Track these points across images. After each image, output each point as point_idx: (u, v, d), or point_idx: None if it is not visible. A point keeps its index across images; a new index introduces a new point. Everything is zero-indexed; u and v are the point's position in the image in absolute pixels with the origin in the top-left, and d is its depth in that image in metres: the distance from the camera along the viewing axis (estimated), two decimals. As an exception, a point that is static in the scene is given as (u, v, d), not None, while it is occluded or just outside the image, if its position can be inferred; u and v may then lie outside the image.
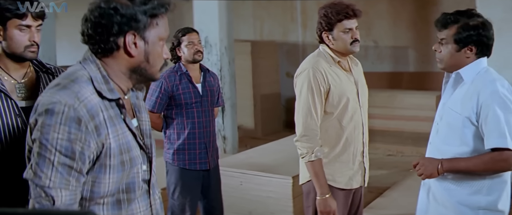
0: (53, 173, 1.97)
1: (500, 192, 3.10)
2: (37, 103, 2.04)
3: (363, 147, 3.73)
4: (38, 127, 1.98)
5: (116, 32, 2.06)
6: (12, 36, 2.78)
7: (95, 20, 2.06)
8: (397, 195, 6.22)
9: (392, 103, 10.20)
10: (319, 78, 3.53)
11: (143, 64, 2.13)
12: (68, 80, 2.05)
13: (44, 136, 1.96)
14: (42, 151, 1.97)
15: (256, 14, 13.08)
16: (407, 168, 8.08)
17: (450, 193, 3.14)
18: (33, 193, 2.00)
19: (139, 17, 2.07)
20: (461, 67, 3.13)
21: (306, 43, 12.43)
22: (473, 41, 3.05)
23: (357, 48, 3.62)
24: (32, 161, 2.00)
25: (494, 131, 2.95)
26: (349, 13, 3.57)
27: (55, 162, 1.97)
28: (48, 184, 1.97)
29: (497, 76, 3.09)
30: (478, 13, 3.14)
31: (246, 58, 10.79)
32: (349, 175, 3.67)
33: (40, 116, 1.99)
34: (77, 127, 1.97)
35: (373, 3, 11.56)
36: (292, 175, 5.24)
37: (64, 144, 1.96)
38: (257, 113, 11.03)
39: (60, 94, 1.99)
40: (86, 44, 2.13)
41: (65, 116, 1.96)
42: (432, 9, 11.01)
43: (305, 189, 3.74)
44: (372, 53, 11.86)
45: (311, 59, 3.65)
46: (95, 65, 2.11)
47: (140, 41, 2.10)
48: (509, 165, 2.98)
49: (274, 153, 6.47)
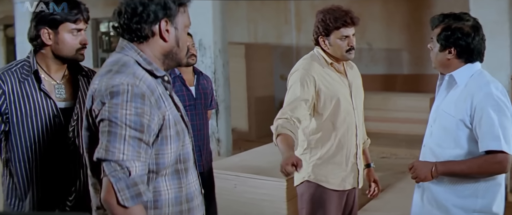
0: (125, 146, 2.08)
1: (494, 195, 3.10)
2: (94, 91, 2.18)
3: (357, 149, 3.73)
4: (105, 108, 2.10)
5: (152, 20, 2.24)
6: (63, 39, 2.87)
7: (131, 11, 2.23)
8: (391, 197, 6.22)
9: (386, 105, 10.21)
10: (309, 78, 3.54)
11: (175, 49, 2.33)
12: (118, 66, 2.21)
13: (113, 115, 2.09)
14: (112, 128, 2.09)
15: (250, 17, 13.09)
16: (401, 170, 8.08)
17: (445, 196, 3.14)
18: (107, 169, 2.09)
19: (170, 5, 2.26)
20: (447, 67, 3.14)
21: (300, 45, 12.44)
22: (452, 43, 3.07)
23: (352, 56, 3.63)
24: (102, 140, 2.10)
25: (488, 133, 2.95)
26: (348, 21, 3.57)
27: (126, 136, 2.09)
28: (122, 158, 2.08)
29: (491, 78, 3.10)
30: (468, 17, 3.14)
31: (240, 61, 10.78)
32: (342, 177, 3.68)
33: (104, 100, 2.12)
34: (142, 102, 2.12)
35: (367, 6, 11.58)
36: (286, 177, 5.23)
37: (133, 119, 2.10)
38: (251, 115, 11.03)
39: (119, 77, 2.15)
40: (121, 35, 2.30)
41: (130, 94, 2.11)
42: (425, 12, 11.03)
43: (299, 191, 3.75)
44: (366, 56, 11.87)
45: (303, 62, 3.66)
46: (134, 51, 2.27)
47: (171, 27, 2.29)
48: (503, 167, 2.98)
49: (268, 155, 6.45)
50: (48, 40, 2.86)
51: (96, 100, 2.14)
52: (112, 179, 2.07)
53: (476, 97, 2.99)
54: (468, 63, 3.10)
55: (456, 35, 3.05)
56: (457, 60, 3.10)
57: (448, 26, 3.08)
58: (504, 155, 2.94)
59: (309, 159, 3.66)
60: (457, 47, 3.07)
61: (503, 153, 2.93)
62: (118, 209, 2.08)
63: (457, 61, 3.10)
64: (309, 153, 3.67)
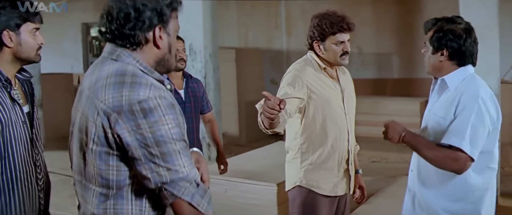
0: (182, 160, 2.01)
1: (483, 199, 3.10)
2: (110, 107, 2.01)
3: (349, 154, 3.73)
4: (144, 130, 1.97)
5: (147, 26, 2.11)
6: (26, 40, 2.75)
7: (124, 16, 2.09)
8: (382, 202, 6.22)
9: (376, 110, 10.22)
10: (300, 81, 3.54)
11: (167, 56, 2.21)
12: (129, 76, 2.05)
13: (157, 134, 1.97)
14: (163, 148, 1.97)
15: (241, 22, 13.09)
16: (391, 174, 8.10)
17: (434, 200, 3.14)
18: (177, 191, 2.00)
19: (165, 11, 2.14)
20: (439, 71, 3.15)
21: (290, 50, 12.45)
22: (444, 45, 3.08)
23: (346, 61, 3.65)
24: (154, 164, 1.99)
25: (457, 130, 2.96)
26: (344, 26, 3.58)
27: (179, 150, 2.00)
28: (185, 172, 2.01)
29: (482, 83, 3.11)
30: (461, 20, 3.16)
31: (231, 65, 10.77)
32: (334, 182, 3.67)
33: (137, 119, 1.97)
34: (174, 111, 2.03)
35: (357, 10, 11.60)
36: (277, 182, 5.22)
37: (175, 131, 2.00)
38: (242, 120, 11.01)
39: (140, 90, 2.01)
40: (111, 41, 2.15)
41: (162, 107, 1.99)
42: (415, 16, 11.07)
43: (290, 196, 3.74)
44: (356, 60, 11.89)
45: (297, 65, 3.66)
46: (132, 58, 2.13)
47: (164, 34, 2.17)
48: (460, 167, 2.97)
49: (259, 160, 6.45)
50: (10, 43, 2.72)
51: (123, 118, 1.98)
52: (187, 198, 2.00)
53: (463, 96, 3.01)
54: (460, 66, 3.12)
55: (448, 37, 3.07)
56: (450, 63, 3.11)
57: (440, 28, 3.11)
58: (465, 156, 2.93)
59: (300, 164, 3.65)
60: (449, 49, 3.08)
61: (464, 154, 2.93)
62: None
63: (449, 64, 3.11)
64: (300, 157, 3.66)
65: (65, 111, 12.54)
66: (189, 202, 2.00)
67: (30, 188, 2.78)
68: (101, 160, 2.06)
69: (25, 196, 2.76)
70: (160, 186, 2.00)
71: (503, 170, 7.56)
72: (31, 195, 2.79)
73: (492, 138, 3.08)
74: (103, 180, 2.08)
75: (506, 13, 9.74)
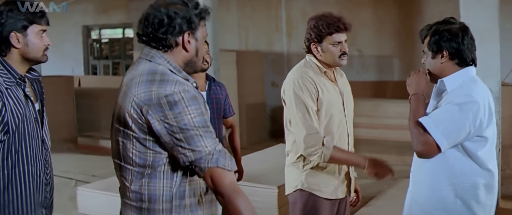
0: (204, 141, 2.34)
1: (476, 199, 3.10)
2: (142, 100, 2.34)
3: (349, 157, 3.72)
4: (170, 119, 2.31)
5: (177, 32, 2.45)
6: (33, 41, 2.89)
7: (158, 22, 2.43)
8: (382, 204, 6.22)
9: (376, 112, 10.22)
10: (309, 86, 3.53)
11: (194, 58, 2.55)
12: (159, 75, 2.39)
13: (181, 123, 2.31)
14: (187, 133, 2.32)
15: (241, 24, 13.10)
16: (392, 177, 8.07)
17: (427, 200, 3.16)
18: (204, 163, 2.33)
19: (194, 19, 2.48)
20: (441, 74, 3.15)
21: (291, 52, 12.45)
22: (444, 46, 3.08)
23: (344, 62, 3.63)
24: (181, 148, 2.33)
25: (437, 116, 3.00)
26: (340, 26, 3.57)
27: (201, 134, 2.33)
28: (208, 150, 2.34)
29: (481, 86, 3.10)
30: (455, 21, 3.16)
31: (231, 68, 10.78)
32: (334, 185, 3.67)
33: (164, 110, 2.32)
34: (197, 102, 2.35)
35: (357, 12, 11.60)
36: (277, 184, 5.23)
37: (197, 120, 2.33)
38: (242, 122, 11.02)
39: (167, 86, 2.34)
40: (146, 43, 2.50)
41: (185, 99, 2.32)
42: (416, 18, 11.07)
43: (291, 199, 3.73)
44: (357, 62, 11.90)
45: (298, 69, 3.64)
46: (164, 59, 2.47)
47: (192, 39, 2.51)
48: (424, 151, 3.03)
49: (259, 162, 6.46)
50: (17, 44, 2.86)
51: (152, 110, 2.32)
52: (213, 164, 2.34)
53: (454, 93, 3.03)
54: (461, 66, 3.11)
55: (445, 37, 3.07)
56: (451, 63, 3.10)
57: (436, 30, 3.11)
58: (432, 141, 2.97)
59: (302, 167, 3.64)
60: (448, 49, 3.08)
61: (432, 139, 2.97)
62: (230, 176, 2.36)
63: (451, 64, 3.11)
64: (302, 161, 3.65)
65: (65, 114, 12.62)
66: (216, 167, 2.33)
67: (38, 182, 2.96)
68: (140, 144, 2.41)
69: (35, 190, 2.94)
70: (189, 164, 2.36)
71: (503, 172, 7.56)
72: (39, 189, 2.97)
73: (483, 144, 3.06)
74: (141, 161, 2.43)
75: (507, 15, 9.73)
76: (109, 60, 16.37)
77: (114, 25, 16.07)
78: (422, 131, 3.01)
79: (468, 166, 3.05)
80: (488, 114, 3.02)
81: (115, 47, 16.35)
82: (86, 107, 12.75)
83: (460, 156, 3.05)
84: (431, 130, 2.97)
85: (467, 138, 3.00)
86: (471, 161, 3.05)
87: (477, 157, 3.05)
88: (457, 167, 3.06)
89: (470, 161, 3.05)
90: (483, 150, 3.06)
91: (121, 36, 16.30)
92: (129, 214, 2.54)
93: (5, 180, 2.82)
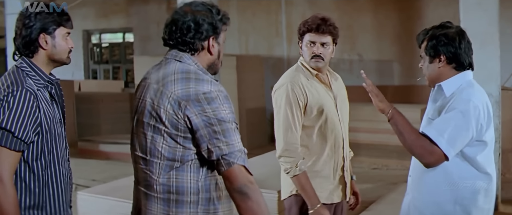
0: (236, 137, 2.53)
1: (474, 204, 3.11)
2: (180, 97, 2.50)
3: (344, 161, 3.71)
4: (209, 113, 2.48)
5: (204, 37, 2.64)
6: (60, 43, 2.96)
7: (187, 28, 2.61)
8: (383, 209, 6.21)
9: (377, 117, 10.15)
10: (297, 92, 3.52)
11: (216, 61, 2.75)
12: (193, 74, 2.57)
13: (218, 116, 2.49)
14: (223, 126, 2.49)
15: (241, 29, 13.11)
16: (392, 181, 8.09)
17: (425, 205, 3.18)
18: (233, 158, 2.49)
19: (218, 25, 2.67)
20: (439, 78, 3.16)
21: (291, 57, 12.46)
22: (441, 50, 3.10)
23: (317, 64, 3.59)
24: (217, 140, 2.49)
25: (440, 125, 3.00)
26: (313, 26, 3.55)
27: (233, 129, 2.53)
28: (239, 146, 2.53)
29: (479, 90, 3.11)
30: (451, 25, 3.18)
31: (231, 72, 10.78)
32: (329, 190, 3.66)
33: (202, 105, 2.49)
34: (229, 102, 2.56)
35: (358, 17, 11.62)
36: (278, 189, 5.20)
37: (231, 116, 2.53)
38: (243, 127, 11.01)
39: (204, 84, 2.53)
40: (171, 46, 2.67)
41: (221, 98, 2.52)
42: (416, 23, 11.07)
43: (286, 204, 3.72)
44: (357, 67, 11.89)
45: (290, 74, 3.64)
46: (192, 61, 2.64)
47: (216, 43, 2.70)
48: (432, 161, 3.03)
49: (260, 167, 6.44)
50: (45, 45, 2.91)
51: (191, 105, 2.49)
52: (241, 162, 2.51)
53: (454, 99, 3.03)
54: (459, 70, 3.12)
55: (442, 41, 3.08)
56: (448, 67, 3.12)
57: (433, 35, 3.13)
58: (440, 152, 2.98)
59: (297, 172, 3.63)
60: (445, 53, 3.09)
61: (439, 149, 2.97)
62: (253, 183, 2.53)
63: (448, 69, 3.12)
64: (296, 166, 3.64)
65: (65, 118, 12.56)
66: (243, 165, 2.51)
67: (66, 182, 3.05)
68: (171, 139, 2.54)
69: (66, 189, 3.03)
70: (218, 158, 2.49)
71: (503, 177, 7.55)
72: (66, 189, 3.05)
73: (482, 148, 3.08)
74: (170, 155, 2.56)
75: (507, 19, 9.75)
76: (109, 65, 16.39)
77: (115, 30, 16.10)
78: (428, 142, 3.00)
79: (467, 171, 3.07)
80: (487, 118, 3.04)
81: (115, 52, 16.36)
82: (86, 111, 12.74)
83: (459, 161, 3.06)
84: (437, 140, 2.98)
85: (469, 144, 3.01)
86: (469, 166, 3.07)
87: (476, 161, 3.06)
88: (455, 173, 3.07)
89: (469, 166, 3.07)
90: (482, 154, 3.07)
91: (121, 41, 16.32)
92: (155, 206, 2.63)
93: (40, 181, 2.88)
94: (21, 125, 2.73)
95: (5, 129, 2.70)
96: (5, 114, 2.72)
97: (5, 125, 2.70)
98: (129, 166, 2.96)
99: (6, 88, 2.77)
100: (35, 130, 2.79)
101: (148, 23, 14.29)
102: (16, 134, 2.71)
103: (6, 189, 2.70)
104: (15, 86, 2.77)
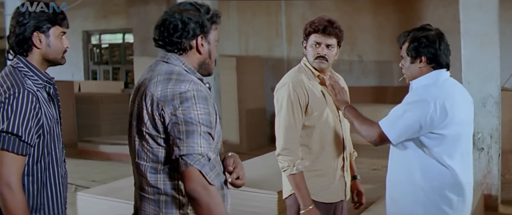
0: (200, 141, 2.45)
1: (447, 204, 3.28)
2: (158, 97, 2.49)
3: (344, 161, 3.73)
4: (179, 111, 2.45)
5: (191, 36, 2.62)
6: (54, 43, 2.91)
7: (173, 27, 2.60)
8: (383, 210, 6.20)
9: (377, 118, 10.11)
10: (299, 92, 3.54)
11: (207, 60, 2.72)
12: (175, 75, 2.56)
13: (187, 116, 2.45)
14: (189, 127, 2.45)
15: (241, 30, 13.12)
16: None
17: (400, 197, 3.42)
18: (191, 161, 2.43)
19: (206, 24, 2.64)
20: (419, 77, 3.33)
21: (291, 58, 12.47)
22: (422, 52, 3.27)
23: (321, 65, 3.62)
24: (181, 138, 2.45)
25: (389, 114, 3.31)
26: (319, 28, 3.56)
27: (201, 132, 2.46)
28: (200, 151, 2.45)
29: (443, 86, 3.28)
30: (431, 27, 3.35)
31: (231, 73, 10.78)
32: (329, 189, 3.67)
33: (175, 104, 2.46)
34: (206, 103, 2.51)
35: (357, 18, 11.62)
36: (277, 190, 5.22)
37: (203, 117, 2.47)
38: (242, 128, 11.01)
39: (182, 84, 2.50)
40: (162, 47, 2.66)
41: (196, 97, 2.47)
42: (416, 24, 10.92)
43: (288, 203, 3.74)
44: (357, 68, 11.90)
45: (292, 73, 3.65)
46: (179, 61, 2.63)
47: (205, 42, 2.67)
48: (371, 136, 3.36)
49: (259, 168, 6.44)
50: (39, 44, 2.87)
51: (166, 105, 2.47)
52: (198, 166, 2.42)
53: (409, 94, 3.30)
54: (435, 69, 3.29)
55: (424, 43, 3.26)
56: (428, 67, 3.30)
57: (414, 37, 3.31)
58: (381, 131, 3.28)
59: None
60: (426, 54, 3.27)
61: (381, 130, 3.27)
62: (207, 189, 2.43)
63: (427, 68, 3.30)
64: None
65: (65, 119, 12.47)
66: (199, 170, 2.42)
67: (63, 183, 3.02)
68: (152, 140, 2.55)
69: (63, 190, 3.01)
70: (178, 157, 2.44)
71: (503, 177, 7.55)
72: (63, 190, 3.01)
73: (439, 141, 3.22)
74: (154, 156, 2.57)
75: (507, 20, 9.75)
76: (109, 65, 16.38)
77: (114, 31, 16.09)
78: (375, 125, 3.31)
79: (426, 160, 3.25)
80: (440, 113, 3.17)
81: (115, 52, 16.35)
82: (86, 112, 12.74)
83: (421, 153, 3.26)
84: (381, 123, 3.28)
85: (420, 133, 3.19)
86: (429, 158, 3.25)
87: (434, 152, 3.23)
88: (416, 162, 3.28)
89: (428, 158, 3.25)
90: (439, 147, 3.23)
91: (121, 41, 16.30)
92: (148, 207, 2.64)
93: (39, 183, 2.84)
94: (26, 128, 2.67)
95: (12, 133, 2.64)
96: (10, 118, 2.65)
97: (11, 129, 2.64)
98: (129, 167, 2.94)
99: (7, 89, 2.71)
100: (37, 132, 2.75)
101: (148, 24, 14.27)
102: (23, 138, 2.66)
103: (15, 195, 2.65)
104: (16, 88, 2.71)
